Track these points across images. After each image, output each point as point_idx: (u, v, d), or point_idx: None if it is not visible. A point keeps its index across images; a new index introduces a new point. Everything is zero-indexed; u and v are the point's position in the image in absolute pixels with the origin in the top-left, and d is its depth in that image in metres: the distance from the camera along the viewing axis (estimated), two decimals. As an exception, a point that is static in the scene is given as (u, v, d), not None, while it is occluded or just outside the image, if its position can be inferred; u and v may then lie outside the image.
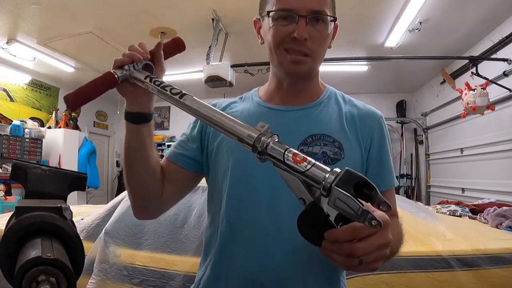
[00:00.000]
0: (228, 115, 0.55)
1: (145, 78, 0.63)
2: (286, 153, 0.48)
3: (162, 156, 0.84)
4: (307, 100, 0.81)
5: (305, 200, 0.48)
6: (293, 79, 0.79)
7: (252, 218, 0.73)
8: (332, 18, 0.74)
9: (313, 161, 0.47)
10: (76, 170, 0.78)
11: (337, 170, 0.45)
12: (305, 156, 0.48)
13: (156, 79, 0.63)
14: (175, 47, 0.72)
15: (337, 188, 0.43)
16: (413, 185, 6.10)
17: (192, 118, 0.76)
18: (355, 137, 0.77)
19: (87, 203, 5.32)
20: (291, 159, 0.48)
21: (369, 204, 0.45)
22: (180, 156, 0.83)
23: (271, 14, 0.73)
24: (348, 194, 0.42)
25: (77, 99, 0.62)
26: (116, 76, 0.64)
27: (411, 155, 6.25)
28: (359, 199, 0.43)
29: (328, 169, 0.46)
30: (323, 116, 0.79)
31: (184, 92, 0.60)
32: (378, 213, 0.45)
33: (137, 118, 0.71)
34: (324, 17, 0.72)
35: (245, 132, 0.51)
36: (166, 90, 0.60)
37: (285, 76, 0.79)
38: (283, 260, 0.71)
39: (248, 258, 0.72)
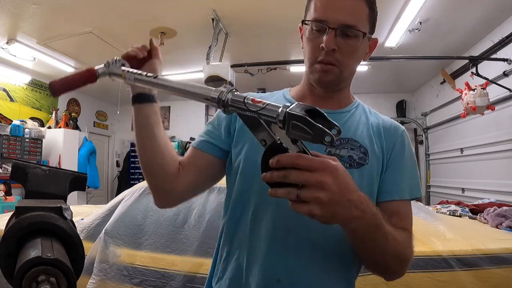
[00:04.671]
0: (195, 83, 0.60)
1: (122, 71, 0.71)
2: (245, 99, 0.55)
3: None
4: (337, 106, 0.85)
5: (266, 141, 0.53)
6: (322, 87, 0.82)
7: (274, 215, 0.76)
8: (364, 34, 0.76)
9: (268, 101, 0.53)
10: (76, 170, 0.78)
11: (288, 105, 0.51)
12: (261, 99, 0.53)
13: (131, 70, 0.70)
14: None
15: (291, 111, 0.47)
16: (413, 185, 6.09)
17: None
18: (379, 146, 0.81)
19: (87, 203, 5.32)
20: (250, 101, 0.54)
21: None
22: (204, 143, 0.86)
23: (306, 23, 0.79)
24: (302, 114, 0.46)
25: (62, 88, 0.73)
26: (97, 72, 0.74)
27: (411, 155, 6.25)
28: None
29: (281, 104, 0.51)
30: (352, 122, 0.83)
31: (157, 74, 0.68)
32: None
33: (139, 98, 0.80)
34: (354, 32, 0.74)
35: (210, 91, 0.58)
36: (142, 76, 0.68)
37: (314, 84, 0.83)
38: (301, 255, 0.74)
39: (269, 253, 0.75)
